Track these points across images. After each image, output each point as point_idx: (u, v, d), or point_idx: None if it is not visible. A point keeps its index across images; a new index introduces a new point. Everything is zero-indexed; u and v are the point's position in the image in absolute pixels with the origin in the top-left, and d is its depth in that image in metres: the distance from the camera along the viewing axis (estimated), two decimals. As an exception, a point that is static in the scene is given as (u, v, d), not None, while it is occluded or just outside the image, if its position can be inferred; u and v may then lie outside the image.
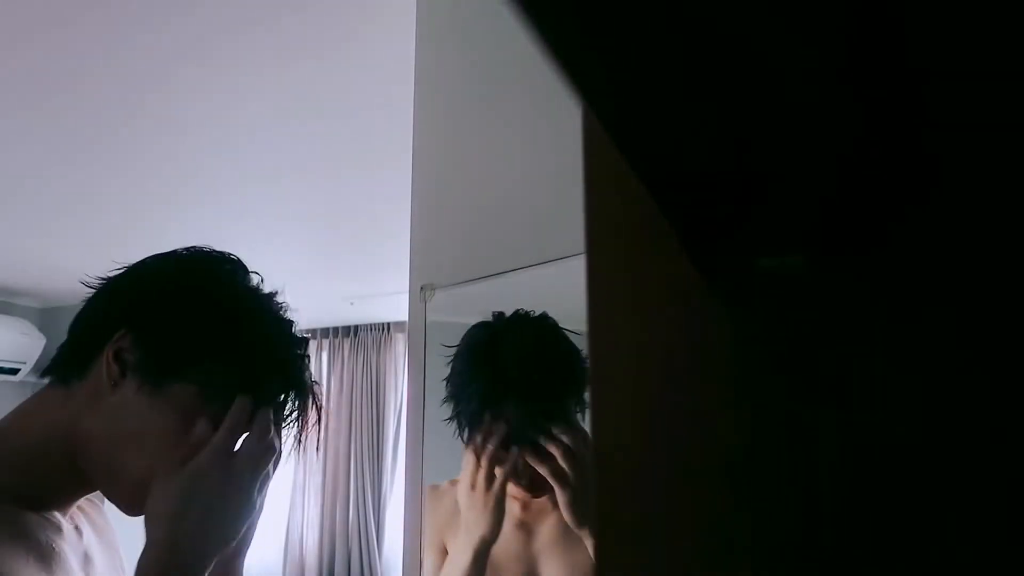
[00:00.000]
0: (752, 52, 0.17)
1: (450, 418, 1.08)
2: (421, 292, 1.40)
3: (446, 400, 1.09)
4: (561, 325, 1.22)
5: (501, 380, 0.99)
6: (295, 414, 0.79)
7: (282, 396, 0.78)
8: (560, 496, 0.89)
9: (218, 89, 2.16)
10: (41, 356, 4.20)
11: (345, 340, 5.26)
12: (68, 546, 0.69)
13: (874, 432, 0.24)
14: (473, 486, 0.97)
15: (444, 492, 1.23)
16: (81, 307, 0.77)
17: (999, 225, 0.23)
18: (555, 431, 0.90)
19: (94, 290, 0.77)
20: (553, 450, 0.90)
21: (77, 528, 0.75)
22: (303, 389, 0.80)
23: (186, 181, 2.72)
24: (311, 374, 0.81)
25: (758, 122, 0.21)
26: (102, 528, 0.82)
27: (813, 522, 0.24)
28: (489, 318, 1.19)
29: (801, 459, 0.25)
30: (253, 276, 0.84)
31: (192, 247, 0.82)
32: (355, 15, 1.84)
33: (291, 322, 0.82)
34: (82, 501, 0.79)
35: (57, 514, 0.71)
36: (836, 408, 0.25)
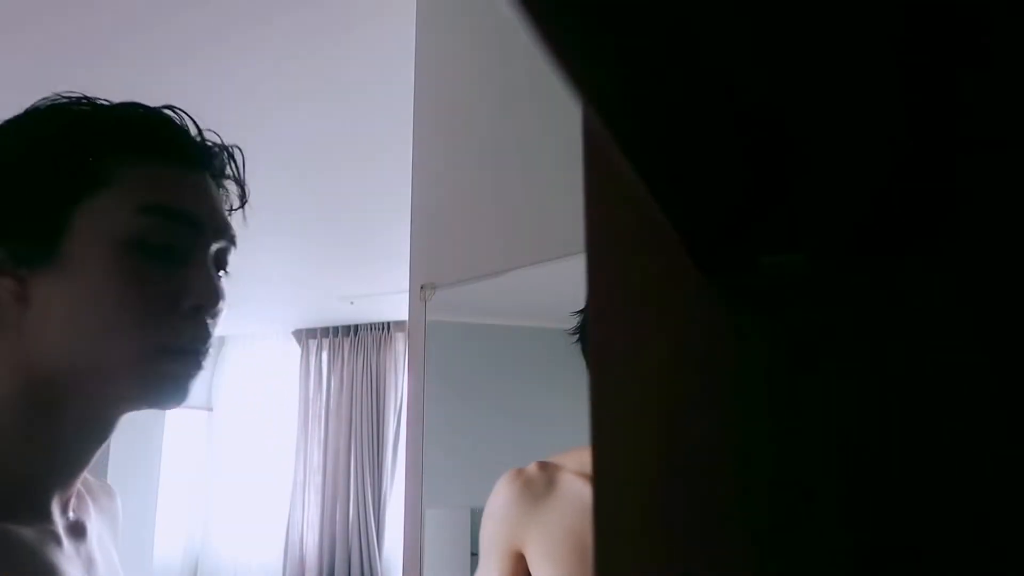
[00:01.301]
0: (766, 42, 0.17)
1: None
2: (421, 291, 1.40)
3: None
4: (560, 324, 1.21)
5: None
6: None
7: None
8: None
9: (216, 88, 2.16)
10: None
11: (345, 339, 5.27)
12: (67, 558, 0.59)
13: (876, 432, 0.24)
14: None
15: (532, 478, 1.00)
16: None
17: None
18: None
19: None
20: None
21: (79, 525, 0.64)
22: None
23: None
24: None
25: (766, 118, 0.21)
26: (111, 514, 0.73)
27: (813, 524, 0.24)
28: (493, 318, 1.18)
29: (802, 460, 0.25)
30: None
31: None
32: (355, 13, 1.83)
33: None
34: (91, 484, 0.69)
35: (57, 520, 0.60)
36: (838, 408, 0.24)
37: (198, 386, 0.65)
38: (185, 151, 0.65)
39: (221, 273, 0.68)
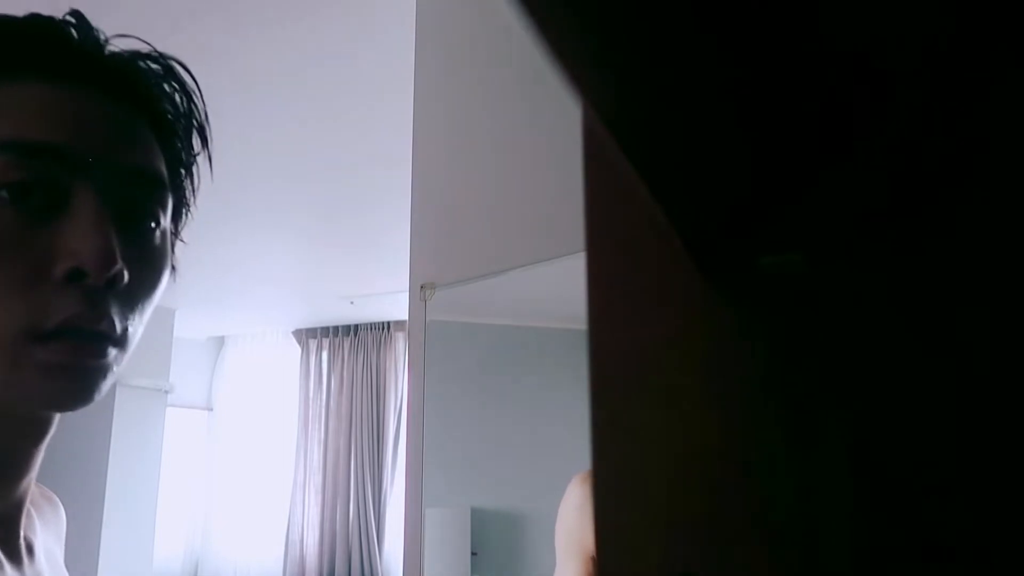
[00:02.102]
0: (767, 46, 0.17)
1: None
2: (421, 291, 1.40)
3: None
4: (560, 324, 1.21)
5: None
6: None
7: None
8: None
9: (216, 88, 2.16)
10: None
11: (345, 339, 5.27)
12: None
13: (876, 433, 0.24)
14: None
15: None
16: None
17: None
18: None
19: None
20: None
21: (27, 543, 0.54)
22: None
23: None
24: None
25: (767, 120, 0.21)
26: (56, 524, 0.63)
27: (813, 522, 0.24)
28: (493, 317, 1.17)
29: (803, 460, 0.25)
30: None
31: None
32: (356, 15, 1.83)
33: None
34: (33, 494, 0.58)
35: None
36: (838, 408, 0.25)
37: (198, 386, 0.51)
38: (56, 63, 0.48)
39: (160, 227, 0.52)
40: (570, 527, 0.97)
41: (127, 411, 4.24)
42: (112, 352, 0.47)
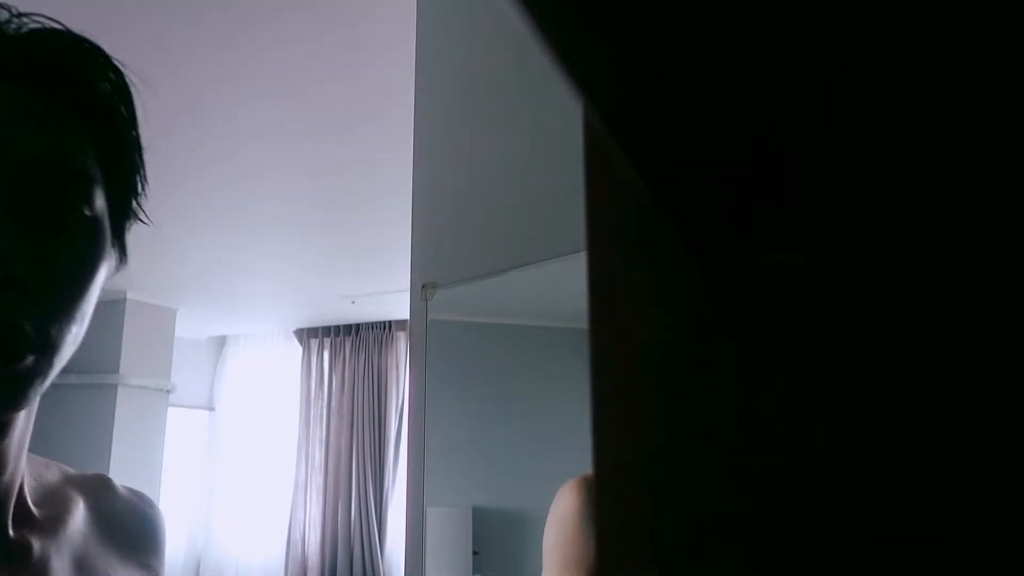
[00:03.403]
0: (767, 46, 0.17)
1: None
2: (422, 291, 1.40)
3: None
4: (560, 323, 1.21)
5: None
6: None
7: None
8: None
9: (216, 90, 2.16)
10: None
11: (347, 339, 5.27)
12: None
13: (878, 433, 0.24)
14: None
15: None
16: None
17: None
18: None
19: None
20: None
21: (22, 543, 0.51)
22: None
23: (185, 182, 2.72)
24: None
25: (769, 109, 0.21)
26: (105, 515, 0.60)
27: (814, 524, 0.24)
28: (494, 317, 1.16)
29: (803, 459, 0.25)
30: None
31: None
32: (356, 14, 1.84)
33: None
34: (71, 486, 0.58)
35: None
36: (839, 407, 0.25)
37: (200, 386, 0.49)
38: None
39: (90, 215, 0.48)
40: (569, 537, 0.91)
41: (128, 411, 4.25)
42: (30, 357, 0.44)
